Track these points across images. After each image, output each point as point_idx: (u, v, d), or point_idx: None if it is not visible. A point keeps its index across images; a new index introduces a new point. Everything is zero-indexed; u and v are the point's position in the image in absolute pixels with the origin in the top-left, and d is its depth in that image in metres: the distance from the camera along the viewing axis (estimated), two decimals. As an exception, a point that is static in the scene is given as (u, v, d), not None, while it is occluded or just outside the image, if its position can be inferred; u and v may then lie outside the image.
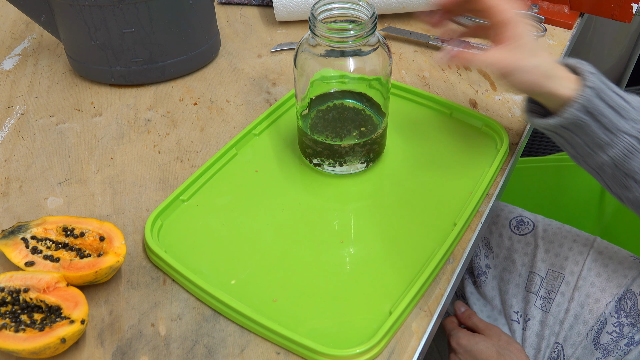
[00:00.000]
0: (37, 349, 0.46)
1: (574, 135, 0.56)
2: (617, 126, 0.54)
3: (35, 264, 0.52)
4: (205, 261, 0.56)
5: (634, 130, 0.54)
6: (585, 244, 0.73)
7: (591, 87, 0.54)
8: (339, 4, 0.57)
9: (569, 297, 0.70)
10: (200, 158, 0.67)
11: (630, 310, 0.67)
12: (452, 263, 0.55)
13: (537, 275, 0.73)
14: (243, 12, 0.94)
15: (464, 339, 0.68)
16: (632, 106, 0.55)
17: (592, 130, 0.55)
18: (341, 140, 0.61)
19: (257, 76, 0.79)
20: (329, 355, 0.47)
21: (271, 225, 0.59)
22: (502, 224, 0.78)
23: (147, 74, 0.76)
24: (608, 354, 0.66)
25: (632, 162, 0.55)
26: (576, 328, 0.69)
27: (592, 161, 0.58)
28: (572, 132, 0.56)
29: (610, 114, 0.54)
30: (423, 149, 0.67)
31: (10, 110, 0.75)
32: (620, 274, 0.69)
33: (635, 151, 0.55)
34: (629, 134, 0.54)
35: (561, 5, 0.87)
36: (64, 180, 0.65)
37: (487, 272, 0.78)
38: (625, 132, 0.54)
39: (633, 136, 0.54)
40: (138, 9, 0.70)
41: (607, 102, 0.54)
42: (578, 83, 0.54)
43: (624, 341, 0.66)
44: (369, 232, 0.58)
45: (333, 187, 0.63)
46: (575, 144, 0.57)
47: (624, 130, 0.54)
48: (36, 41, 0.88)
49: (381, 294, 0.52)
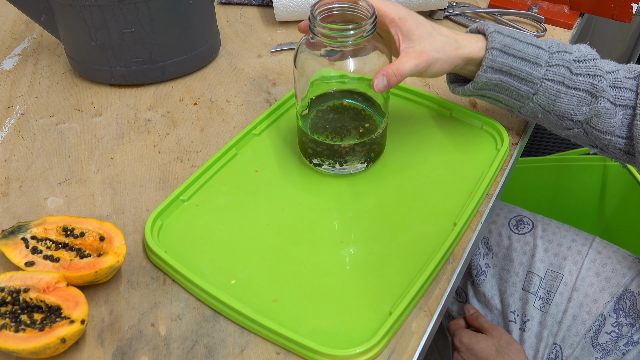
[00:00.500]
0: (37, 349, 0.46)
1: (497, 93, 0.59)
2: (534, 75, 0.56)
3: (35, 264, 0.52)
4: (205, 261, 0.56)
5: (550, 74, 0.56)
6: (585, 243, 0.73)
7: (494, 48, 0.56)
8: (339, 4, 0.57)
9: (568, 298, 0.70)
10: (200, 158, 0.67)
11: (629, 310, 0.67)
12: (452, 263, 0.55)
13: (536, 275, 0.73)
14: (243, 12, 0.94)
15: (466, 338, 0.69)
16: (545, 50, 0.56)
17: (509, 85, 0.57)
18: (341, 140, 0.61)
19: (257, 76, 0.79)
20: (329, 355, 0.47)
21: (271, 225, 0.59)
22: (502, 223, 0.78)
23: (147, 74, 0.76)
24: (607, 354, 0.66)
25: (560, 104, 0.57)
26: (574, 328, 0.69)
27: (524, 110, 0.60)
28: (492, 90, 0.59)
29: (523, 65, 0.56)
30: (423, 148, 0.67)
31: (10, 110, 0.75)
32: (619, 274, 0.69)
33: (558, 93, 0.56)
34: (547, 79, 0.56)
35: (561, 5, 0.87)
36: (64, 180, 0.65)
37: (487, 271, 0.78)
38: (544, 78, 0.56)
39: (551, 80, 0.56)
40: (138, 9, 0.70)
41: (516, 56, 0.56)
42: (485, 44, 0.57)
43: (623, 341, 0.66)
44: (369, 232, 0.58)
45: (333, 187, 0.63)
46: (502, 100, 0.59)
47: (542, 77, 0.56)
48: (36, 41, 0.88)
49: (381, 294, 0.52)
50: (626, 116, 0.56)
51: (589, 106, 0.56)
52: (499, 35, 0.56)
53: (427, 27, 0.56)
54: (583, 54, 0.56)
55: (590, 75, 0.55)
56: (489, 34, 0.57)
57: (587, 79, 0.55)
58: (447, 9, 0.89)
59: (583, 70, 0.55)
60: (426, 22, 0.57)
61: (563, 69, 0.56)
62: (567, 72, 0.56)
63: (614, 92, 0.55)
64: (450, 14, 0.88)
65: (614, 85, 0.55)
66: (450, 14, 0.88)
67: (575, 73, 0.56)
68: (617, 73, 0.56)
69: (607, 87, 0.55)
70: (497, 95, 0.59)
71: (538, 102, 0.57)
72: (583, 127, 0.58)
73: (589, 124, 0.57)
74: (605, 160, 1.01)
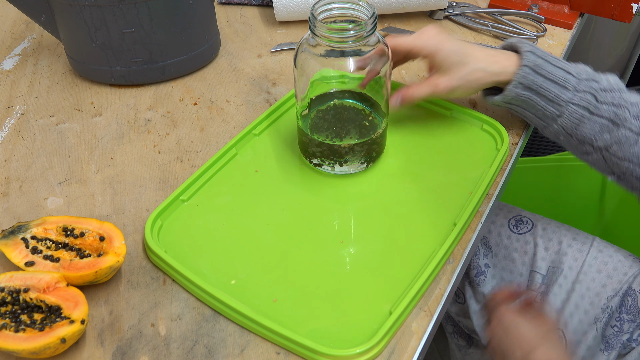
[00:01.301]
0: (37, 349, 0.46)
1: (523, 109, 0.62)
2: (561, 97, 0.59)
3: (35, 264, 0.52)
4: (205, 261, 0.56)
5: (577, 99, 0.58)
6: (585, 242, 0.73)
7: (527, 65, 0.59)
8: (339, 4, 0.57)
9: (569, 289, 0.70)
10: (200, 158, 0.67)
11: (630, 307, 0.67)
12: (452, 263, 0.55)
13: (538, 274, 0.73)
14: (243, 12, 0.94)
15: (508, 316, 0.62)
16: (574, 76, 0.59)
17: (537, 103, 0.60)
18: (341, 140, 0.61)
19: (257, 76, 0.79)
20: (329, 355, 0.47)
21: (271, 225, 0.59)
22: (501, 223, 0.79)
23: (147, 74, 0.76)
24: (611, 348, 0.67)
25: (583, 129, 0.59)
26: (577, 316, 0.69)
27: (548, 131, 0.62)
28: (520, 106, 0.62)
29: (551, 87, 0.59)
30: (423, 149, 0.67)
31: (10, 110, 0.75)
32: (620, 272, 0.70)
33: (582, 118, 0.59)
34: (574, 103, 0.58)
35: (561, 5, 0.87)
36: (64, 180, 0.65)
37: (487, 272, 0.78)
38: (571, 102, 0.58)
39: (577, 104, 0.58)
40: (138, 9, 0.70)
41: (546, 77, 0.59)
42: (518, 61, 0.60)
43: (625, 336, 0.66)
44: (369, 232, 0.58)
45: (333, 187, 0.63)
46: (528, 117, 0.63)
47: (568, 100, 0.58)
48: (36, 41, 0.88)
49: (381, 294, 0.52)
50: None
51: (610, 134, 0.58)
52: (532, 55, 0.59)
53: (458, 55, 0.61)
54: (610, 84, 0.59)
55: (614, 105, 0.57)
56: (523, 52, 0.60)
57: (611, 108, 0.57)
58: (447, 9, 0.89)
59: (608, 100, 0.58)
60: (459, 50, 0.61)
61: (589, 95, 0.58)
62: (592, 99, 0.58)
63: (638, 122, 0.57)
64: (450, 14, 0.88)
65: (638, 116, 0.57)
66: (450, 14, 0.88)
67: (600, 101, 0.58)
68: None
69: (629, 117, 0.57)
70: (523, 112, 0.62)
71: (562, 124, 0.60)
72: (602, 154, 0.59)
73: (609, 150, 0.58)
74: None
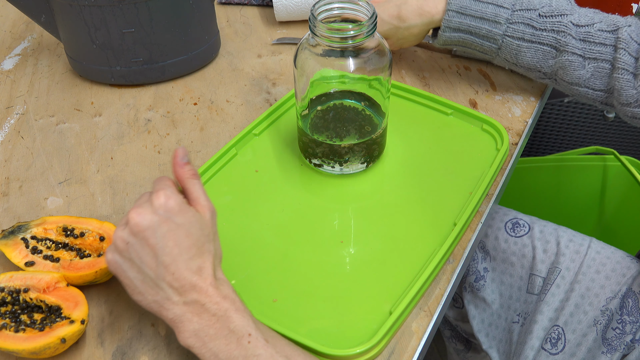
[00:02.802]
0: (37, 349, 0.46)
1: (464, 47, 0.67)
2: (494, 32, 0.63)
3: (35, 264, 0.52)
4: (205, 261, 0.56)
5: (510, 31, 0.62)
6: (582, 244, 0.73)
7: (451, 10, 0.63)
8: (339, 4, 0.57)
9: (568, 289, 0.70)
10: (200, 158, 0.67)
11: (631, 309, 0.67)
12: (452, 263, 0.55)
13: (539, 277, 0.73)
14: (243, 12, 0.94)
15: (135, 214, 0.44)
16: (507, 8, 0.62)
17: (472, 41, 0.65)
18: (341, 140, 0.61)
19: (257, 76, 0.79)
20: (329, 355, 0.47)
21: (271, 225, 0.59)
22: (498, 226, 0.78)
23: (147, 74, 0.76)
24: (614, 350, 0.67)
25: (524, 57, 0.63)
26: (577, 316, 0.69)
27: (497, 62, 0.68)
28: (461, 46, 0.67)
29: (482, 24, 0.63)
30: (423, 149, 0.67)
31: (10, 110, 0.75)
32: (619, 273, 0.69)
33: (520, 48, 0.62)
34: (508, 35, 0.62)
35: (561, 5, 0.87)
36: (64, 180, 0.65)
37: (486, 276, 0.78)
38: (505, 35, 0.62)
39: (511, 36, 0.62)
40: (138, 9, 0.70)
41: (474, 16, 0.63)
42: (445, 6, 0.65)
43: (629, 337, 0.66)
44: (369, 232, 0.58)
45: (333, 187, 0.63)
46: (474, 54, 0.67)
47: (503, 33, 0.62)
48: (36, 41, 0.88)
49: (381, 294, 0.52)
50: (599, 69, 0.61)
51: (554, 59, 0.61)
52: None
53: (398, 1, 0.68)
54: (551, 10, 0.61)
55: (554, 31, 0.61)
56: None
57: (551, 34, 0.61)
58: None
59: (547, 26, 0.61)
60: None
61: (523, 26, 0.62)
62: (529, 28, 0.61)
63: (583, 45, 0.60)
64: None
65: (585, 39, 0.60)
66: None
67: (539, 29, 0.61)
68: (591, 27, 0.61)
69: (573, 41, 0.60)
70: (466, 50, 0.67)
71: (503, 56, 0.65)
72: (553, 78, 0.63)
73: (557, 75, 0.62)
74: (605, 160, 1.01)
